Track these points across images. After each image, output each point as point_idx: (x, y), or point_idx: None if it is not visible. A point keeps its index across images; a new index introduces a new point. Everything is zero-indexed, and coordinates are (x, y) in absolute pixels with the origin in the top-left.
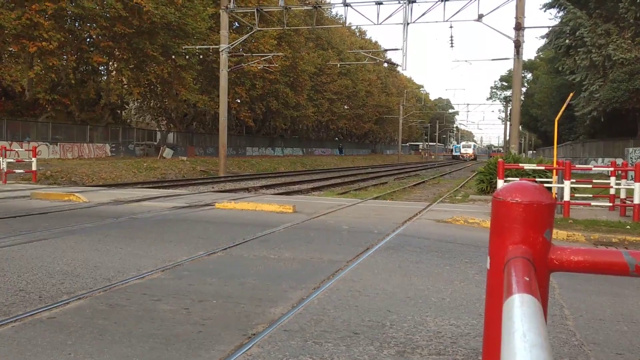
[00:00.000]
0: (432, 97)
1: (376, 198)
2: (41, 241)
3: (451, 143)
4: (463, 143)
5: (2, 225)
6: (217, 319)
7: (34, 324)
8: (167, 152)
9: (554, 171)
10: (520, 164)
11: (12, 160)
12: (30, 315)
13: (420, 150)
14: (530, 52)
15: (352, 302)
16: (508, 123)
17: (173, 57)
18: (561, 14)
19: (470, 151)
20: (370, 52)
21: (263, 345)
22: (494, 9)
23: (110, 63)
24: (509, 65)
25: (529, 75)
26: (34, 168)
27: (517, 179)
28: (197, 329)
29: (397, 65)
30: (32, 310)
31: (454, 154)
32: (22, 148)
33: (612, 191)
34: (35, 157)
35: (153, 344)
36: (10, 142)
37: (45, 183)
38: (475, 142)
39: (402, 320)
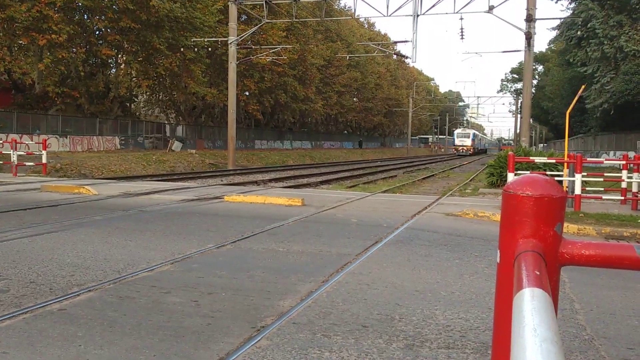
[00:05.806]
0: (442, 90)
1: (385, 191)
2: (51, 233)
3: None
4: (458, 131)
5: (13, 218)
6: (226, 311)
7: (45, 315)
8: (176, 145)
9: (565, 164)
10: (531, 157)
11: (22, 153)
12: (40, 307)
13: (429, 144)
14: (541, 44)
15: (360, 295)
16: (519, 116)
17: (182, 49)
18: (573, 5)
19: (468, 142)
20: (379, 44)
21: (272, 337)
22: (505, 0)
23: (119, 56)
24: (520, 57)
25: (540, 68)
26: (44, 161)
27: (528, 172)
28: (206, 321)
29: (407, 57)
30: (42, 302)
31: None
32: (32, 141)
33: (623, 185)
34: (45, 149)
35: (162, 336)
36: (20, 134)
37: (55, 176)
38: (484, 134)
39: (411, 313)
